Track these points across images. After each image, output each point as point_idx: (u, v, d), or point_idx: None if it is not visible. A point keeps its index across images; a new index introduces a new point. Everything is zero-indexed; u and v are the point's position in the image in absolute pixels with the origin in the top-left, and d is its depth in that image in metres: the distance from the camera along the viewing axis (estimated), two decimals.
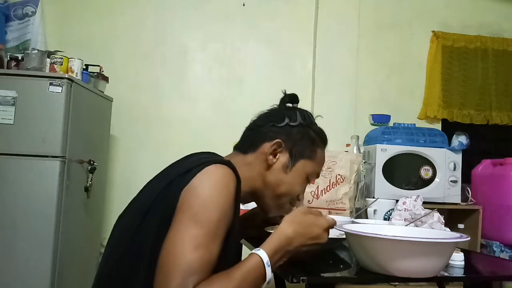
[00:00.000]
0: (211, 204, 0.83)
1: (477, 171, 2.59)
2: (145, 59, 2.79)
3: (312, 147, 1.07)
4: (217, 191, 0.84)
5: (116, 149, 2.72)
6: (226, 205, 0.85)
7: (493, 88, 2.97)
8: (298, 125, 1.05)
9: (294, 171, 1.04)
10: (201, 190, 0.84)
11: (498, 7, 3.12)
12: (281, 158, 1.03)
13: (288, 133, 1.04)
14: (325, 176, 1.58)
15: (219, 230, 0.83)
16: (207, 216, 0.82)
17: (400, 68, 3.00)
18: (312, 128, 1.08)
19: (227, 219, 0.85)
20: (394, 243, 0.81)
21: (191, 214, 0.82)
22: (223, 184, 0.85)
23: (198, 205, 0.82)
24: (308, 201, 1.56)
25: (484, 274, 1.11)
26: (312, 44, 2.90)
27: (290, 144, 1.03)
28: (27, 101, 1.95)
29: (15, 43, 2.55)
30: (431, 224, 1.32)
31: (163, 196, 0.87)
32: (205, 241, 0.80)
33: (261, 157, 1.03)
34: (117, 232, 0.95)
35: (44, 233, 1.89)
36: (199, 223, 0.81)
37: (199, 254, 0.78)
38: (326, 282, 0.89)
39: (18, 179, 1.92)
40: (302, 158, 1.04)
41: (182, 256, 0.78)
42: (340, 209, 1.55)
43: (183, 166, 0.90)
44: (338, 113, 2.84)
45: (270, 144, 1.02)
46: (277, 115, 1.07)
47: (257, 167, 1.03)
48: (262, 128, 1.05)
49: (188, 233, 0.80)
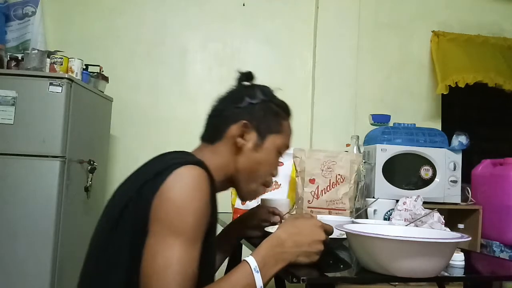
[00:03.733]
0: (185, 209, 0.80)
1: (477, 171, 2.59)
2: (145, 59, 2.79)
3: (277, 120, 1.04)
4: (190, 195, 0.82)
5: (116, 149, 2.72)
6: (201, 208, 0.82)
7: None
8: (260, 101, 1.02)
9: (265, 148, 1.02)
10: (173, 196, 0.81)
11: (498, 7, 3.12)
12: (250, 138, 1.00)
13: (251, 112, 1.01)
14: (325, 176, 1.57)
15: (197, 234, 0.82)
16: (183, 222, 0.80)
17: (400, 68, 3.00)
18: (273, 102, 1.05)
19: (204, 220, 0.84)
20: (394, 243, 0.81)
21: (167, 224, 0.79)
22: (195, 186, 0.83)
23: (172, 213, 0.80)
24: (308, 201, 1.56)
25: (484, 274, 1.11)
26: (312, 44, 2.91)
27: (255, 122, 1.01)
28: (27, 101, 1.95)
29: (15, 43, 2.55)
30: (431, 224, 1.32)
31: (134, 202, 0.84)
32: (185, 249, 0.79)
33: (229, 142, 1.00)
34: (92, 240, 0.93)
35: (44, 233, 1.89)
36: (176, 231, 0.79)
37: (181, 265, 0.77)
38: (326, 282, 0.89)
39: (18, 179, 1.92)
40: (270, 133, 1.02)
41: (164, 270, 0.76)
42: (340, 209, 1.55)
43: (153, 168, 0.87)
44: (338, 113, 2.84)
45: (236, 127, 0.99)
46: (237, 96, 1.04)
47: (228, 153, 1.00)
48: (224, 112, 1.02)
49: (167, 244, 0.78)
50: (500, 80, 2.89)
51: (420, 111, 3.00)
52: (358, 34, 2.91)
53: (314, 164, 1.59)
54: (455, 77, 2.84)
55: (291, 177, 1.70)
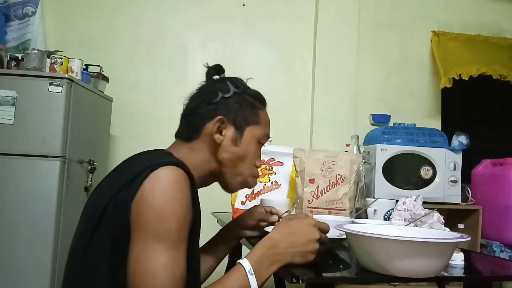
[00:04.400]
0: (167, 213, 0.78)
1: (477, 171, 2.59)
2: (145, 59, 2.79)
3: (253, 111, 1.02)
4: (170, 198, 0.79)
5: (116, 149, 2.72)
6: (183, 210, 0.80)
7: None
8: (233, 94, 1.01)
9: (244, 141, 1.00)
10: (153, 199, 0.78)
11: (498, 7, 3.12)
12: (228, 133, 0.99)
13: (226, 106, 0.99)
14: (325, 176, 1.57)
15: (181, 237, 0.80)
16: (166, 227, 0.78)
17: (400, 68, 3.00)
18: (247, 93, 1.03)
19: (187, 222, 0.82)
20: (394, 243, 0.81)
21: (149, 229, 0.77)
22: (175, 188, 0.80)
23: (154, 218, 0.77)
24: (308, 201, 1.56)
25: (484, 274, 1.11)
26: (312, 44, 2.91)
27: (231, 116, 0.99)
28: (27, 101, 1.95)
29: (15, 43, 2.55)
30: (431, 224, 1.32)
31: (112, 207, 0.81)
32: (171, 253, 0.77)
33: (207, 139, 0.98)
34: (72, 244, 0.90)
35: (44, 233, 1.89)
36: (160, 237, 0.77)
37: (169, 270, 0.76)
38: (326, 282, 0.89)
39: (18, 179, 1.92)
40: (247, 125, 1.01)
41: (153, 277, 0.75)
42: (340, 209, 1.55)
43: (130, 170, 0.84)
44: (338, 113, 2.84)
45: (212, 124, 0.97)
46: (209, 92, 1.02)
47: (207, 150, 0.99)
48: (199, 109, 1.01)
49: (152, 250, 0.76)
50: (505, 72, 2.87)
51: (420, 111, 3.00)
52: (358, 34, 2.91)
53: (314, 164, 1.59)
54: (459, 69, 2.82)
55: (291, 177, 1.70)
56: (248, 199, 1.66)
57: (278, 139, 1.82)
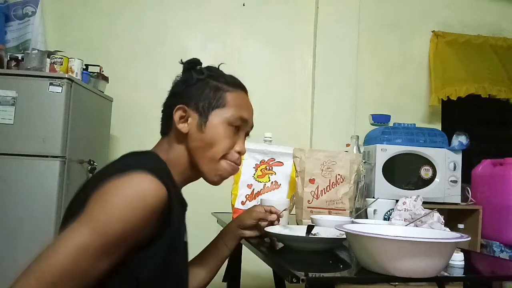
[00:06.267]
0: (116, 215, 0.74)
1: (477, 171, 2.59)
2: (145, 59, 2.79)
3: (218, 94, 1.01)
4: (129, 203, 0.75)
5: (116, 149, 2.71)
6: (137, 220, 0.75)
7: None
8: (196, 81, 1.02)
9: (210, 126, 0.98)
10: (111, 197, 0.76)
11: (498, 7, 3.12)
12: (192, 120, 0.99)
13: (188, 95, 1.00)
14: (325, 176, 1.57)
15: (116, 246, 0.75)
16: (108, 226, 0.74)
17: (400, 68, 3.01)
18: (212, 78, 1.03)
19: (132, 237, 0.76)
20: (394, 243, 0.81)
21: (90, 216, 0.75)
22: (139, 196, 0.76)
23: (102, 211, 0.75)
24: (308, 201, 1.56)
25: (484, 274, 1.11)
26: (312, 44, 2.91)
27: (193, 103, 0.99)
28: (27, 101, 1.95)
29: (15, 43, 2.55)
30: (431, 224, 1.32)
31: (81, 200, 0.79)
32: (93, 252, 0.73)
33: (177, 131, 1.00)
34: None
35: (44, 233, 1.89)
36: (96, 230, 0.73)
37: (78, 255, 0.72)
38: (326, 282, 0.89)
39: (18, 179, 1.92)
40: (212, 109, 0.99)
41: (53, 257, 0.74)
42: (340, 209, 1.54)
43: (111, 169, 0.84)
44: (338, 113, 2.84)
45: (176, 114, 0.99)
46: (177, 85, 1.04)
47: (178, 142, 1.00)
48: (166, 103, 1.05)
49: (79, 231, 0.73)
50: (494, 90, 2.93)
51: (420, 111, 3.00)
52: (358, 34, 2.91)
53: (314, 164, 1.58)
54: (448, 89, 2.88)
55: (291, 177, 1.70)
56: (248, 199, 1.65)
57: (278, 139, 1.82)
